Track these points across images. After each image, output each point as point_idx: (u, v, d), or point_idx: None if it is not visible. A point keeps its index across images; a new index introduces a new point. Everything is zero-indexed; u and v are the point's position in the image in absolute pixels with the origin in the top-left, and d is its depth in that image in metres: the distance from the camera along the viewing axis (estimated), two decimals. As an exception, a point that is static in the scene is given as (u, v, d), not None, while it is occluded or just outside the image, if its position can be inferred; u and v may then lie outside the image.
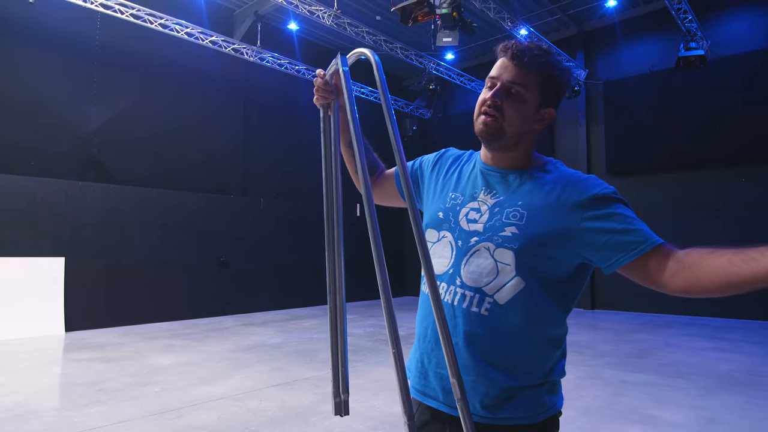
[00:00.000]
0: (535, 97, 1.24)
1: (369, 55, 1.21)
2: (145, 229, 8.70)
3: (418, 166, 1.54)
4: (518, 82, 1.22)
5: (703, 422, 3.87)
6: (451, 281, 1.25)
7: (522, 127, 1.25)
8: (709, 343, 7.05)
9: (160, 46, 9.15)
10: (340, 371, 1.14)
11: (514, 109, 1.23)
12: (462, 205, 1.31)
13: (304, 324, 8.70)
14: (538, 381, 1.21)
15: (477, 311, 1.20)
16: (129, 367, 5.41)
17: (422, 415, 1.32)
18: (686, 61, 8.83)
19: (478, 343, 1.20)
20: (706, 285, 1.04)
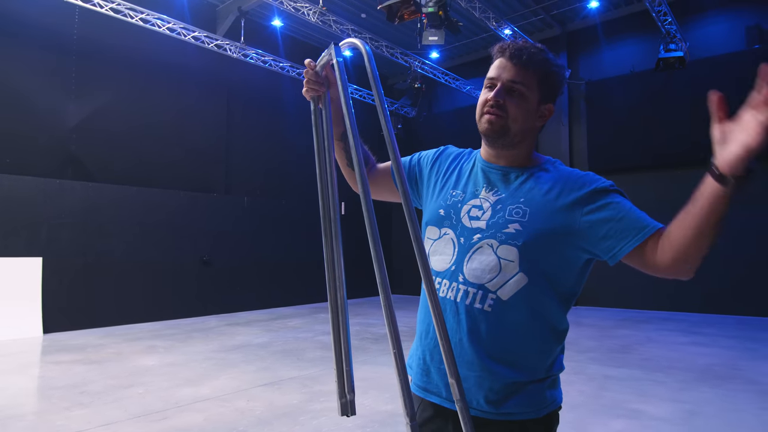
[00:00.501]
0: (535, 94, 1.26)
1: (360, 46, 1.18)
2: (125, 227, 8.56)
3: (416, 162, 1.53)
4: (518, 80, 1.24)
5: (686, 415, 3.94)
6: (454, 278, 1.25)
7: (525, 124, 1.26)
8: (687, 338, 7.19)
9: (141, 42, 9.00)
10: (345, 371, 1.13)
11: (517, 106, 1.25)
12: (464, 203, 1.31)
13: (289, 323, 8.65)
14: (541, 375, 1.23)
15: (480, 307, 1.20)
16: (111, 369, 5.32)
17: (424, 411, 1.32)
18: (666, 63, 8.99)
19: (482, 338, 1.21)
20: (683, 244, 1.07)
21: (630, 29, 10.61)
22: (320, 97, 1.29)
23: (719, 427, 3.68)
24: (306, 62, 1.31)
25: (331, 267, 1.17)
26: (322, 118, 1.27)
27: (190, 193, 9.61)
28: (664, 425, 3.73)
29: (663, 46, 8.93)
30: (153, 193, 9.02)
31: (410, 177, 1.51)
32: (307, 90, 1.30)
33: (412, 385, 1.37)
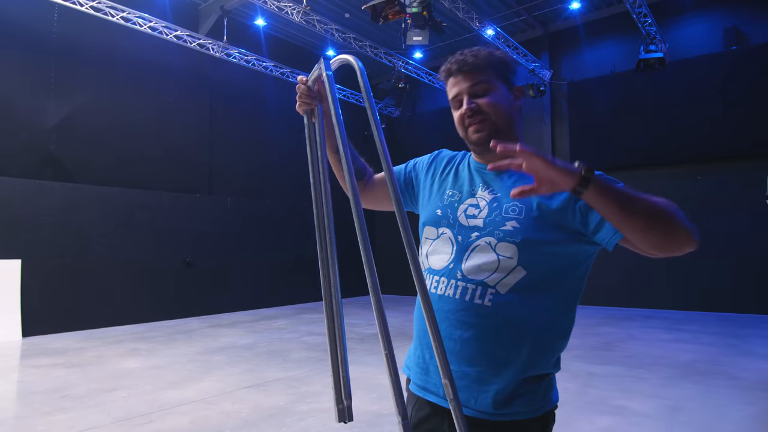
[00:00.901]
0: (498, 83, 1.30)
1: (353, 62, 1.20)
2: (105, 229, 8.42)
3: (412, 167, 1.54)
4: (477, 81, 1.28)
5: (669, 411, 4.00)
6: (452, 275, 1.26)
7: (508, 114, 1.29)
8: (669, 335, 7.30)
9: (122, 40, 8.88)
10: (342, 377, 1.12)
11: (490, 100, 1.28)
12: (460, 202, 1.33)
13: (273, 324, 8.60)
14: (542, 372, 1.22)
15: (480, 302, 1.21)
16: (93, 373, 5.23)
17: (421, 409, 1.32)
18: (646, 63, 9.11)
19: (483, 334, 1.21)
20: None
21: (611, 30, 10.75)
22: (313, 111, 1.30)
23: (702, 422, 3.74)
24: (299, 78, 1.33)
25: (326, 274, 1.16)
26: (315, 132, 1.28)
27: (172, 194, 9.50)
28: (648, 421, 3.78)
29: (643, 47, 9.06)
30: (134, 193, 8.89)
31: (407, 183, 1.53)
32: (299, 105, 1.32)
33: (411, 385, 1.37)
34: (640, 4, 8.49)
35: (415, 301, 1.36)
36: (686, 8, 9.89)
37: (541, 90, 10.92)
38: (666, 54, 9.14)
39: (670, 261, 9.92)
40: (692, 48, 9.79)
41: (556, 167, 0.98)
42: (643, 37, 9.11)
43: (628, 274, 9.74)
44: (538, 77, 11.06)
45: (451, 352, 1.22)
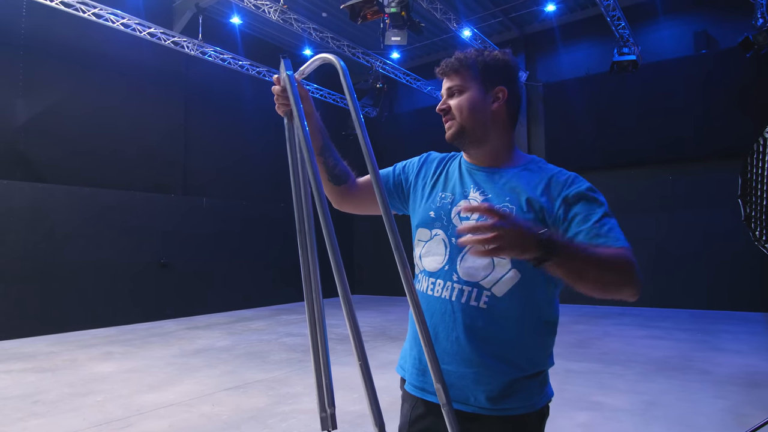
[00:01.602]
0: (475, 84, 1.32)
1: (334, 62, 1.20)
2: (77, 230, 8.21)
3: (401, 170, 1.54)
4: (453, 84, 1.33)
5: (645, 406, 4.09)
6: (448, 277, 1.27)
7: (476, 114, 1.31)
8: (643, 332, 7.46)
9: (94, 37, 8.67)
10: (325, 384, 1.11)
11: (458, 101, 1.32)
12: (453, 204, 1.33)
13: (251, 326, 8.50)
14: (538, 369, 1.25)
15: (476, 305, 1.23)
16: (66, 377, 5.09)
17: (417, 408, 1.34)
18: (620, 66, 9.29)
19: (479, 335, 1.23)
20: None
21: (586, 33, 10.94)
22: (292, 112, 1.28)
23: (677, 416, 3.83)
24: (274, 78, 1.32)
25: (307, 280, 1.15)
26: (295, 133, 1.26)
27: (146, 194, 9.32)
28: (625, 416, 3.86)
29: (617, 49, 9.23)
30: (107, 194, 8.69)
31: (396, 186, 1.52)
32: (278, 106, 1.32)
33: (407, 385, 1.38)
34: (614, 7, 8.66)
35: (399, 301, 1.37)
36: (658, 12, 10.12)
37: (517, 91, 11.04)
38: (639, 57, 9.33)
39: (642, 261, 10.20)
40: (664, 51, 10.03)
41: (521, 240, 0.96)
42: (617, 40, 9.29)
43: (603, 272, 9.91)
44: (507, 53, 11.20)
45: (449, 353, 1.24)
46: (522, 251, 0.97)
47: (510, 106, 1.35)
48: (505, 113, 1.34)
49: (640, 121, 10.04)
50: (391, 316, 9.65)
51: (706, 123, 9.39)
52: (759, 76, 9.02)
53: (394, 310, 10.43)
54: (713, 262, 9.44)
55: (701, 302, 9.50)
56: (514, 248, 0.96)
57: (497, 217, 0.96)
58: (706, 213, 9.60)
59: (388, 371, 5.31)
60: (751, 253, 8.81)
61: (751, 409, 3.92)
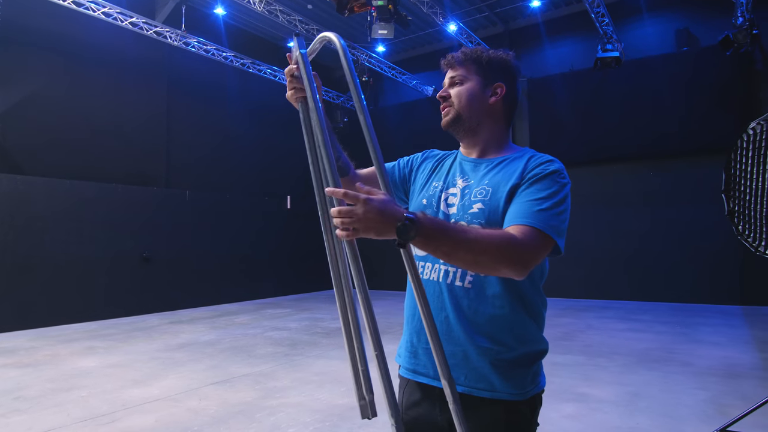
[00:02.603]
0: (476, 77, 1.38)
1: (334, 39, 1.18)
2: (57, 223, 8.05)
3: (406, 164, 1.58)
4: (456, 74, 1.40)
5: (629, 397, 4.16)
6: (435, 260, 1.33)
7: (473, 103, 1.37)
8: (624, 325, 7.58)
9: (74, 27, 8.48)
10: (361, 371, 1.10)
11: (458, 90, 1.38)
12: (442, 191, 1.40)
13: (236, 320, 8.44)
14: (527, 348, 1.28)
15: (461, 285, 1.28)
16: (48, 372, 5.01)
17: (412, 394, 1.37)
18: (603, 62, 9.39)
19: (465, 314, 1.27)
20: None
21: (570, 29, 11.02)
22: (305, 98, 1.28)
23: (660, 407, 3.90)
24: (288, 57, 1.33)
25: (335, 267, 1.14)
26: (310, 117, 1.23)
27: (128, 187, 9.17)
28: (610, 407, 3.92)
29: (601, 46, 9.32)
30: (88, 186, 8.53)
31: (402, 180, 1.57)
32: (292, 93, 1.30)
33: (400, 370, 1.42)
34: (598, 3, 8.74)
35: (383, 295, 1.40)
36: (641, 9, 10.23)
37: (501, 86, 11.10)
38: (622, 53, 9.44)
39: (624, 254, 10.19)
40: (646, 48, 10.16)
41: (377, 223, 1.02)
42: (601, 36, 9.38)
43: (584, 267, 10.05)
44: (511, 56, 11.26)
45: (440, 333, 1.26)
46: (377, 233, 1.03)
47: (506, 102, 1.40)
48: (501, 108, 1.40)
49: (623, 117, 10.16)
50: (377, 309, 9.51)
51: (688, 119, 9.55)
52: (739, 73, 9.19)
53: (378, 304, 10.45)
54: (692, 257, 9.62)
55: (680, 295, 9.68)
56: (369, 231, 1.02)
57: (352, 201, 1.02)
58: (686, 208, 9.77)
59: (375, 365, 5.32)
60: (730, 247, 9.04)
61: (732, 399, 4.02)
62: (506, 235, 1.13)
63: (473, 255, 1.08)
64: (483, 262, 1.10)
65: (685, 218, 9.72)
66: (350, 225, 1.01)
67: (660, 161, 10.06)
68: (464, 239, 1.08)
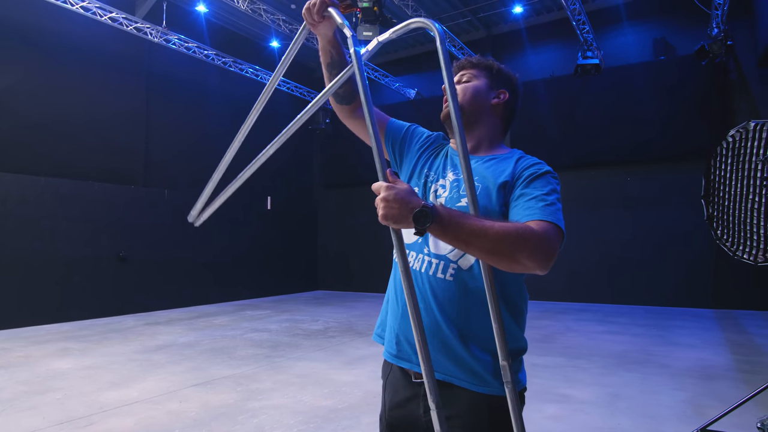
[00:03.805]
0: (483, 79, 1.46)
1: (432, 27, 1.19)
2: (30, 221, 7.83)
3: (411, 132, 1.60)
4: (465, 74, 1.47)
5: (609, 398, 4.22)
6: (420, 250, 1.36)
7: (476, 100, 1.43)
8: (602, 327, 7.69)
9: (51, 19, 8.27)
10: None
11: (465, 86, 1.45)
12: (432, 182, 1.43)
13: (214, 321, 8.33)
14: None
15: (443, 277, 1.30)
16: (21, 374, 4.86)
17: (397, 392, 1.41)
18: (583, 69, 9.55)
19: (446, 306, 1.30)
20: None
21: (552, 36, 11.17)
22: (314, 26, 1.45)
23: (640, 407, 3.97)
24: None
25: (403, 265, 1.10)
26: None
27: (104, 185, 8.97)
28: (591, 408, 3.97)
29: (581, 53, 9.48)
30: (63, 183, 8.33)
31: (402, 140, 1.59)
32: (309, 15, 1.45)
33: (384, 353, 1.45)
34: (579, 11, 8.88)
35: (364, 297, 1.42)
36: (621, 18, 10.43)
37: (483, 90, 11.20)
38: (601, 61, 9.61)
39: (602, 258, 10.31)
40: (625, 56, 10.35)
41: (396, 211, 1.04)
42: (581, 43, 9.53)
43: (563, 270, 10.18)
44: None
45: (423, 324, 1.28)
46: (395, 221, 1.05)
47: (507, 109, 1.47)
48: (501, 113, 1.47)
49: (602, 123, 10.33)
50: (357, 311, 9.63)
51: (665, 126, 9.75)
52: (714, 83, 9.42)
53: (359, 306, 10.42)
54: (669, 261, 9.82)
55: (656, 299, 9.87)
56: (389, 218, 1.05)
57: (376, 191, 1.07)
58: (664, 213, 9.97)
59: (357, 367, 5.31)
60: (704, 252, 9.27)
61: (709, 400, 4.11)
62: (524, 225, 1.15)
63: (491, 243, 1.08)
64: (501, 250, 1.09)
65: (663, 223, 9.92)
66: (381, 210, 1.05)
67: (638, 167, 10.26)
68: (482, 227, 1.08)
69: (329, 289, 13.84)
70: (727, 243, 3.69)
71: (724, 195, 3.64)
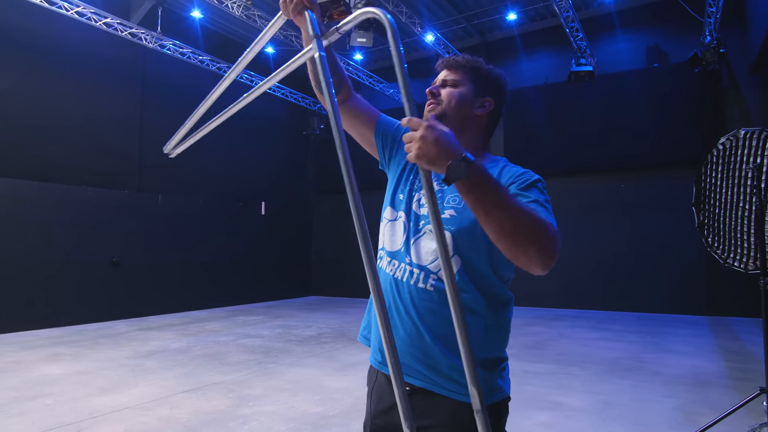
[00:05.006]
0: (469, 85, 1.41)
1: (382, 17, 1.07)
2: (22, 226, 7.79)
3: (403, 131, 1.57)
4: (450, 77, 1.42)
5: (601, 405, 4.21)
6: (402, 259, 1.34)
7: (461, 108, 1.39)
8: (596, 334, 7.70)
9: (46, 24, 8.27)
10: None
11: (449, 91, 1.40)
12: (417, 191, 1.41)
13: (207, 327, 8.29)
14: (484, 356, 1.28)
15: (424, 287, 1.29)
16: (11, 379, 4.83)
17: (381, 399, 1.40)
18: (577, 76, 9.61)
19: (425, 316, 1.28)
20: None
21: (545, 42, 11.24)
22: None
23: (631, 415, 3.97)
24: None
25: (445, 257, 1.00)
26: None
27: (98, 190, 8.95)
28: (583, 415, 3.96)
29: (575, 60, 9.53)
30: (56, 188, 8.30)
31: (393, 137, 1.55)
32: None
33: (371, 358, 1.45)
34: (572, 19, 8.94)
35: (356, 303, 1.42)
36: (615, 25, 10.51)
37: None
38: (595, 68, 9.67)
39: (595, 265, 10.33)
40: (619, 63, 10.43)
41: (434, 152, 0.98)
42: (575, 50, 9.60)
43: (556, 277, 10.20)
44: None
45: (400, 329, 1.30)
46: (429, 162, 0.99)
47: (491, 117, 1.44)
48: (486, 123, 1.43)
49: (595, 130, 10.38)
50: (350, 317, 9.61)
51: (658, 133, 9.80)
52: (707, 90, 9.49)
53: (352, 312, 10.39)
54: (661, 268, 9.85)
55: (649, 305, 9.89)
56: (422, 157, 0.99)
57: (416, 126, 1.00)
58: (657, 220, 10.01)
59: (349, 373, 5.29)
60: (698, 259, 9.30)
61: (700, 407, 4.11)
62: (547, 220, 1.10)
63: (514, 223, 1.03)
64: (520, 234, 1.04)
65: (657, 230, 9.96)
66: (411, 147, 1.00)
67: (632, 173, 10.31)
68: (512, 203, 1.04)
69: (323, 294, 13.81)
70: (718, 251, 3.71)
71: (715, 202, 3.66)
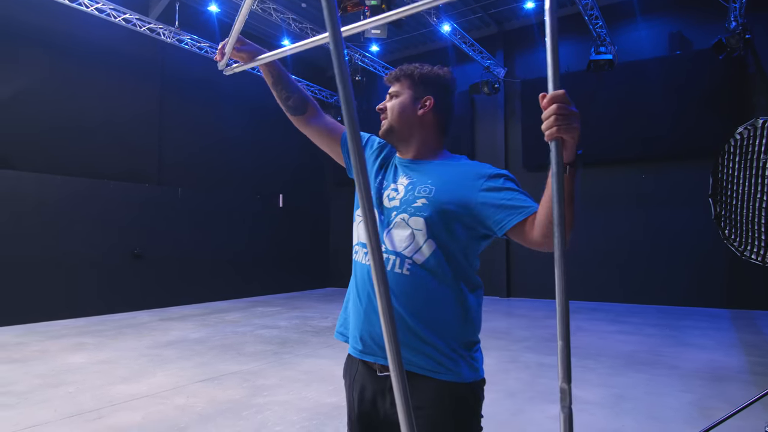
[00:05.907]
0: (408, 92, 1.51)
1: None
2: (47, 220, 8.01)
3: (366, 141, 1.68)
4: (393, 89, 1.55)
5: (615, 399, 4.19)
6: None
7: (403, 116, 1.50)
8: (613, 327, 7.62)
9: (67, 21, 8.43)
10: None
11: (392, 104, 1.52)
12: (385, 188, 1.51)
13: (226, 317, 8.43)
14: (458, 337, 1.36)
15: (399, 272, 1.37)
16: (36, 368, 4.99)
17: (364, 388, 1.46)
18: (596, 64, 9.44)
19: (401, 299, 1.36)
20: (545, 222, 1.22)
21: (564, 31, 11.02)
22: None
23: (645, 409, 3.93)
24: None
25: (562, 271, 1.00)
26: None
27: (120, 183, 9.13)
28: (596, 409, 3.95)
29: (594, 48, 9.36)
30: (79, 182, 8.50)
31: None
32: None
33: (349, 349, 1.50)
34: (592, 6, 8.78)
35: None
36: (635, 12, 10.28)
37: (495, 87, 11.12)
38: (615, 56, 9.49)
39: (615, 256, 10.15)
40: (639, 51, 10.21)
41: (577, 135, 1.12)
42: (594, 38, 9.42)
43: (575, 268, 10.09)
44: (492, 74, 11.24)
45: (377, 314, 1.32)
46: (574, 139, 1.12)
47: (437, 113, 1.51)
48: (432, 119, 1.51)
49: (615, 120, 10.21)
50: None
51: (679, 123, 9.60)
52: (731, 77, 9.25)
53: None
54: (682, 260, 9.68)
55: (669, 298, 9.74)
56: (574, 131, 1.10)
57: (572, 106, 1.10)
58: (677, 211, 9.83)
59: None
60: (719, 251, 9.11)
61: (716, 402, 4.06)
62: None
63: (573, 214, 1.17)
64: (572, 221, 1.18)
65: (677, 221, 9.78)
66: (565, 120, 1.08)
67: (652, 164, 10.12)
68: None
69: (341, 286, 13.90)
70: (735, 243, 3.64)
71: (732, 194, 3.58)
